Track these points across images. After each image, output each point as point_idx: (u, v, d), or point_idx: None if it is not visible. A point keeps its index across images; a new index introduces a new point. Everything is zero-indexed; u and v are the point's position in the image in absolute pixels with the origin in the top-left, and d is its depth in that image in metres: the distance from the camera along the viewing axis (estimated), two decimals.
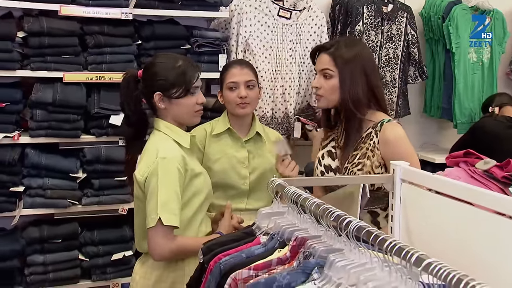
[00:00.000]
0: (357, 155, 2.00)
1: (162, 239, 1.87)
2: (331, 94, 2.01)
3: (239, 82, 2.37)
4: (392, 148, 1.96)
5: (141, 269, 2.06)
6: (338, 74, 1.99)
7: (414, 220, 1.73)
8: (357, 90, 1.98)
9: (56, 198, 2.93)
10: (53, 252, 2.96)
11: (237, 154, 2.42)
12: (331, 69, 2.00)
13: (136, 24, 3.07)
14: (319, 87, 2.03)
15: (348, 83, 1.98)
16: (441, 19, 3.77)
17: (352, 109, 1.98)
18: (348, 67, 1.99)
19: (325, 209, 1.34)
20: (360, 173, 1.96)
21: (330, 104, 2.04)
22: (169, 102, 1.98)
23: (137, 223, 2.06)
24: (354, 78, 1.98)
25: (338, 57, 2.00)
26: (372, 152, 1.97)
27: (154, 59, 2.08)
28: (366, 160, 1.97)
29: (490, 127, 3.32)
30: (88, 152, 2.95)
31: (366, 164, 1.96)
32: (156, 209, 1.86)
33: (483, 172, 1.57)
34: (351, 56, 2.00)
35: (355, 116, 1.99)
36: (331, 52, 2.01)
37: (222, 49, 3.18)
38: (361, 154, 1.99)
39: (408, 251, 1.03)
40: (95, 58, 2.94)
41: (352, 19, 3.51)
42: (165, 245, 1.88)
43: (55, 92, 2.85)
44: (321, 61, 2.05)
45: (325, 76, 2.02)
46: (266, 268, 1.38)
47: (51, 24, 2.84)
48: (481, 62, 3.89)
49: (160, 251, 1.90)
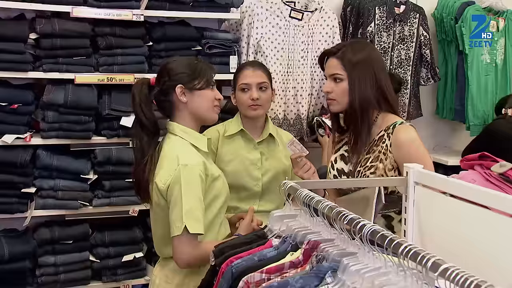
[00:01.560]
0: (369, 158, 1.99)
1: (188, 247, 1.88)
2: (343, 97, 2.01)
3: (251, 84, 2.36)
4: (405, 151, 1.94)
5: (161, 272, 2.05)
6: (347, 77, 1.99)
7: (427, 223, 1.71)
8: (367, 92, 1.98)
9: (67, 199, 2.93)
10: (64, 253, 2.96)
11: (250, 155, 2.42)
12: (340, 73, 2.00)
13: (147, 26, 3.07)
14: (331, 91, 2.02)
15: (357, 86, 1.97)
16: (454, 20, 3.74)
17: (361, 111, 1.98)
18: (356, 70, 1.98)
19: (338, 212, 1.33)
20: (373, 176, 1.94)
21: (342, 107, 2.03)
22: (191, 95, 1.98)
23: (157, 230, 2.05)
24: (363, 80, 1.98)
25: (346, 60, 1.99)
26: (385, 155, 1.96)
27: (169, 60, 2.10)
28: (379, 163, 1.95)
29: (503, 129, 3.28)
30: (99, 154, 2.95)
31: (379, 167, 1.95)
32: (181, 217, 1.85)
33: (499, 175, 1.54)
34: (359, 59, 1.99)
35: (364, 119, 1.98)
36: (338, 56, 2.01)
37: (233, 51, 3.17)
38: (374, 157, 1.98)
39: (424, 255, 1.01)
40: (106, 60, 2.94)
41: (364, 20, 3.48)
42: (191, 253, 1.88)
43: (66, 94, 2.85)
44: (330, 65, 2.05)
45: (335, 80, 2.01)
46: (278, 271, 1.36)
47: (63, 25, 2.84)
48: (495, 63, 3.85)
49: (187, 259, 1.90)
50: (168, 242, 1.96)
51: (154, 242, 2.12)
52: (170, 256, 2.00)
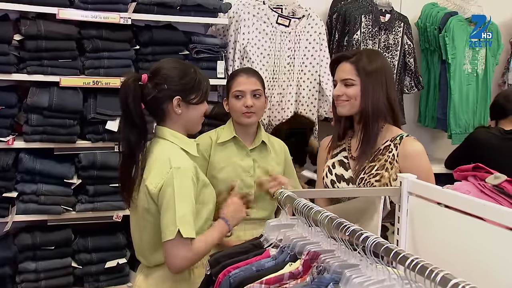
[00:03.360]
0: (374, 166, 2.00)
1: (182, 251, 1.83)
2: (355, 101, 2.02)
3: (245, 91, 2.35)
4: (411, 163, 1.97)
5: (145, 281, 2.00)
6: (360, 83, 2.00)
7: (421, 234, 1.72)
8: (378, 101, 2.00)
9: (50, 204, 2.88)
10: (45, 259, 2.90)
11: (242, 162, 2.40)
12: (353, 78, 2.01)
13: (134, 29, 3.04)
14: (341, 95, 2.02)
15: (370, 94, 1.99)
16: (437, 30, 3.79)
17: (372, 120, 1.99)
18: (370, 78, 1.99)
19: (339, 223, 1.32)
20: (378, 184, 1.95)
21: (352, 110, 2.03)
22: (187, 108, 1.96)
23: (144, 237, 1.99)
24: (376, 89, 1.99)
25: (360, 67, 2.00)
26: (391, 165, 1.98)
27: (165, 64, 2.01)
28: (385, 171, 1.97)
29: (485, 139, 3.33)
30: (83, 158, 2.90)
31: (384, 176, 1.96)
32: (175, 221, 1.81)
33: (493, 186, 1.56)
34: (374, 67, 2.01)
35: (374, 127, 2.00)
36: (353, 61, 2.02)
37: (221, 56, 3.16)
38: (380, 166, 1.99)
39: (433, 270, 1.01)
40: (93, 63, 2.90)
41: (350, 28, 3.51)
42: (185, 256, 1.85)
43: (51, 97, 2.80)
44: (343, 70, 2.04)
45: (346, 85, 2.02)
46: (278, 282, 1.35)
47: (49, 27, 2.79)
48: (476, 73, 3.92)
49: (180, 263, 1.86)
50: (158, 249, 1.92)
51: (138, 250, 2.05)
52: (156, 264, 1.96)
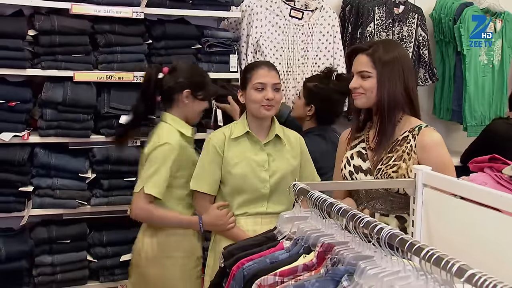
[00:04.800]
0: (392, 157, 1.98)
1: (140, 202, 2.40)
2: (371, 93, 2.00)
3: (267, 84, 2.34)
4: (429, 153, 1.95)
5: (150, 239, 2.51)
6: (376, 75, 1.98)
7: (436, 225, 1.70)
8: (395, 92, 1.98)
9: (65, 198, 2.90)
10: (61, 253, 2.92)
11: (256, 157, 2.39)
12: (369, 70, 1.99)
13: (147, 23, 3.04)
14: (358, 87, 2.01)
15: (387, 85, 1.97)
16: (452, 21, 3.75)
17: (388, 111, 1.98)
18: (386, 69, 1.98)
19: (353, 215, 1.31)
20: (395, 175, 1.94)
21: (369, 102, 2.02)
22: (192, 100, 2.51)
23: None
24: (392, 80, 1.98)
25: (376, 58, 1.98)
26: (409, 155, 1.96)
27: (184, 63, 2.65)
28: (402, 162, 1.95)
29: (503, 130, 3.28)
30: (97, 152, 2.92)
31: (402, 167, 1.94)
32: (144, 180, 2.38)
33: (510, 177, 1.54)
34: (390, 58, 1.99)
35: (390, 118, 1.98)
36: (369, 53, 2.00)
37: (233, 50, 3.15)
38: (397, 157, 1.97)
39: (448, 261, 1.00)
40: (106, 57, 2.91)
41: (364, 20, 3.48)
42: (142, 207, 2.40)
43: (65, 91, 2.82)
44: (359, 62, 2.03)
45: (362, 77, 2.00)
46: (292, 274, 1.35)
47: (62, 22, 2.80)
48: (492, 64, 3.86)
49: (139, 212, 2.44)
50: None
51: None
52: None
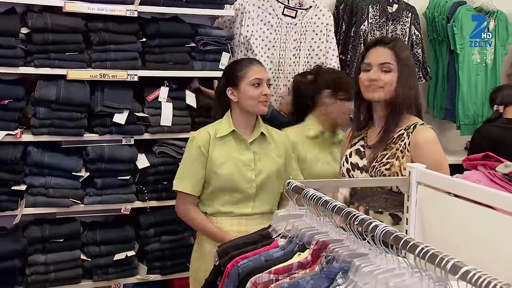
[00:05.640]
0: (386, 154, 1.99)
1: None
2: (390, 87, 2.01)
3: (263, 79, 2.36)
4: (422, 151, 1.96)
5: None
6: (397, 69, 2.00)
7: (430, 223, 1.71)
8: (410, 89, 2.01)
9: (58, 197, 2.88)
10: (54, 252, 2.90)
11: (243, 157, 2.39)
12: (392, 63, 2.00)
13: (141, 21, 3.02)
14: (376, 80, 2.01)
15: (405, 81, 2.00)
16: (446, 20, 3.76)
17: (401, 107, 2.00)
18: (406, 65, 2.02)
19: (348, 213, 1.32)
20: (388, 172, 1.94)
21: (385, 97, 2.03)
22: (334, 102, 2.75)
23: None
24: (409, 77, 2.02)
25: (397, 53, 2.01)
26: (402, 153, 1.97)
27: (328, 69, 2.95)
28: (395, 160, 1.96)
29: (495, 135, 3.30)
30: (91, 151, 2.90)
31: (395, 165, 1.95)
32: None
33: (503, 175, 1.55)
34: (407, 56, 2.04)
35: (400, 115, 2.00)
36: (391, 47, 2.02)
37: (227, 48, 3.14)
38: (391, 154, 1.98)
39: (443, 257, 1.00)
40: (99, 56, 2.89)
41: (358, 18, 3.49)
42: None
43: (58, 90, 2.80)
44: (381, 54, 2.03)
45: (382, 70, 2.00)
46: (286, 272, 1.35)
47: (55, 20, 2.78)
48: (485, 63, 3.88)
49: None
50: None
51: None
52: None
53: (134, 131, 2.97)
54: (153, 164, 3.03)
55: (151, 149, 3.07)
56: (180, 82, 3.10)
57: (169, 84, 3.05)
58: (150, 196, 3.06)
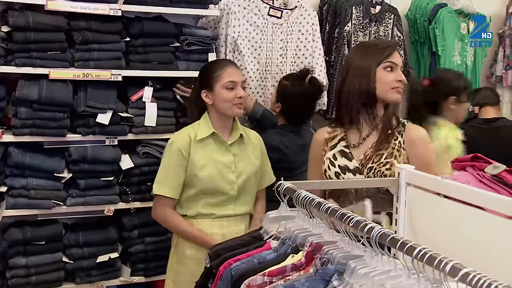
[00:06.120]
0: (383, 154, 1.99)
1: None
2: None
3: (237, 82, 2.33)
4: (417, 148, 1.99)
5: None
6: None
7: (419, 224, 1.72)
8: None
9: (40, 198, 2.82)
10: (36, 254, 2.85)
11: (223, 158, 2.38)
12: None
13: (124, 21, 2.98)
14: (402, 81, 2.03)
15: None
16: (427, 22, 3.80)
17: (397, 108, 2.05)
18: None
19: (342, 214, 1.32)
20: (389, 172, 1.95)
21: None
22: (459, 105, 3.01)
23: None
24: None
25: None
26: (399, 152, 1.99)
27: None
28: (394, 159, 1.97)
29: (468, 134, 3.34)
30: (74, 152, 2.86)
31: (394, 164, 1.95)
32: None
33: (492, 176, 1.57)
34: None
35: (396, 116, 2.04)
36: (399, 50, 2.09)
37: (212, 48, 3.13)
38: (388, 154, 1.99)
39: (441, 260, 1.01)
40: (82, 55, 2.85)
41: (341, 19, 3.50)
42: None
43: (40, 89, 2.74)
44: (399, 57, 2.08)
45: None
46: (280, 274, 1.35)
47: (37, 18, 2.73)
48: (465, 65, 3.94)
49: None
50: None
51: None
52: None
53: (117, 132, 2.94)
54: (137, 165, 2.99)
55: (135, 150, 3.03)
56: (165, 82, 3.07)
57: (153, 84, 3.02)
58: (134, 197, 3.02)
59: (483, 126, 3.35)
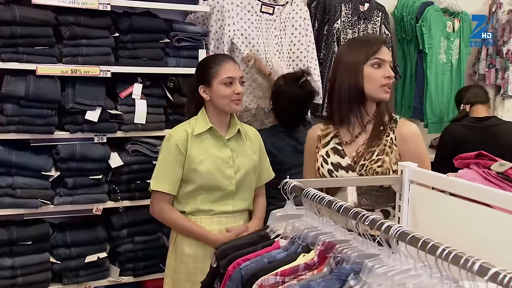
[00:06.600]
0: (374, 151, 1.96)
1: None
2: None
3: (235, 78, 2.29)
4: (409, 145, 1.96)
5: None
6: None
7: (423, 222, 1.72)
8: None
9: (27, 197, 2.75)
10: (22, 255, 2.78)
11: (221, 153, 2.34)
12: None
13: (113, 16, 2.93)
14: (392, 77, 1.99)
15: None
16: (414, 20, 3.82)
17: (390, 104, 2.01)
18: None
19: (356, 213, 1.30)
20: (381, 169, 1.92)
21: None
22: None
23: None
24: None
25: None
26: (390, 149, 1.95)
27: None
28: (385, 156, 1.95)
29: (459, 133, 3.37)
30: (61, 149, 2.79)
31: (386, 161, 1.94)
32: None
33: (497, 174, 1.57)
34: None
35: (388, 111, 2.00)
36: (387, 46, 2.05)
37: (202, 44, 3.08)
38: (380, 151, 1.96)
39: (468, 259, 1.00)
40: (71, 50, 2.78)
41: (331, 16, 3.50)
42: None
43: (27, 85, 2.67)
44: (388, 53, 2.01)
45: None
46: (293, 273, 1.32)
47: (23, 12, 2.65)
48: (450, 63, 3.98)
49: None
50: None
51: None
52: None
53: (106, 129, 2.88)
54: (126, 163, 2.94)
55: (124, 148, 2.98)
56: (154, 78, 3.02)
57: (142, 80, 2.97)
58: (123, 196, 2.97)
59: (475, 125, 3.37)
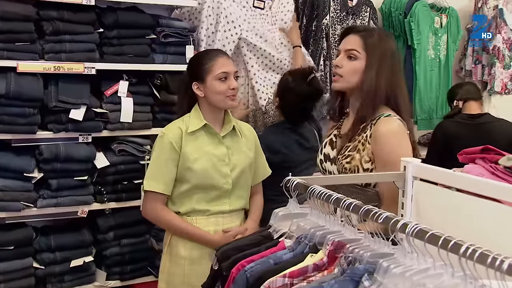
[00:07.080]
0: (349, 146, 1.90)
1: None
2: (351, 76, 1.90)
3: (230, 73, 2.22)
4: (381, 143, 1.83)
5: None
6: (366, 58, 1.88)
7: (428, 219, 1.66)
8: (380, 81, 1.87)
9: (8, 200, 2.65)
10: (4, 261, 2.68)
11: (216, 151, 2.27)
12: (359, 50, 1.89)
13: (97, 11, 2.83)
14: (340, 66, 1.91)
15: (374, 71, 1.87)
16: (403, 15, 3.80)
17: (368, 100, 1.88)
18: (377, 55, 1.88)
19: (368, 210, 1.24)
20: (348, 166, 1.86)
21: (347, 86, 1.93)
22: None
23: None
24: (381, 68, 1.87)
25: (369, 41, 1.89)
26: (363, 146, 1.86)
27: None
28: (356, 153, 1.86)
29: (452, 130, 3.35)
30: (45, 150, 2.69)
31: (355, 158, 1.86)
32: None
33: (505, 168, 1.53)
34: (384, 46, 1.91)
35: (368, 109, 1.88)
36: (363, 35, 1.91)
37: (189, 40, 3.00)
38: (353, 147, 1.89)
39: (495, 257, 0.94)
40: (53, 47, 2.68)
41: (319, 12, 3.45)
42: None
43: (8, 83, 2.57)
44: (349, 41, 1.92)
45: (349, 57, 1.91)
46: (302, 275, 1.26)
47: (3, 7, 2.56)
48: (439, 59, 3.96)
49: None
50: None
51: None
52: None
53: (92, 128, 2.79)
54: (113, 163, 2.86)
55: (110, 147, 2.89)
56: (140, 76, 2.93)
57: (128, 78, 2.88)
58: (109, 197, 2.89)
59: (468, 121, 3.35)
